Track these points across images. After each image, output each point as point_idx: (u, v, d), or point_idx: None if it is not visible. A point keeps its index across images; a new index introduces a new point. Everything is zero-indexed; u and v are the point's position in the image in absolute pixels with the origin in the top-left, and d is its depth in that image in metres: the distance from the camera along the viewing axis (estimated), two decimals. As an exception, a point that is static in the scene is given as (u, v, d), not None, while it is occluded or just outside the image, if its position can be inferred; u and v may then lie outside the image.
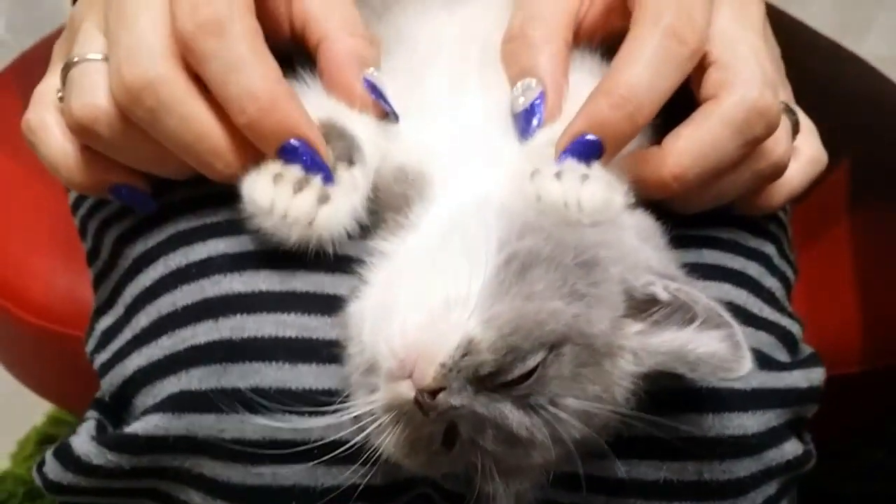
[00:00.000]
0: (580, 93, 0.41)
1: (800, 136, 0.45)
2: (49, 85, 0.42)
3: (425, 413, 0.35)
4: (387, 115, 0.42)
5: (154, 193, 0.43)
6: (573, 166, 0.38)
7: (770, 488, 0.43)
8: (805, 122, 0.47)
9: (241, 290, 0.40)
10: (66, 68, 0.40)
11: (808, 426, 0.48)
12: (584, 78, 0.43)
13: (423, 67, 0.45)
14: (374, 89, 0.41)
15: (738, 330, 0.37)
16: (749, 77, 0.40)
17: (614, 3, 0.44)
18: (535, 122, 0.41)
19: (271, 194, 0.37)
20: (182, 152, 0.39)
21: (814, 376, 0.45)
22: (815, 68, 0.89)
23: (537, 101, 0.42)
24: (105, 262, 0.46)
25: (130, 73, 0.38)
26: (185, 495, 0.41)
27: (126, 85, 0.38)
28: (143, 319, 0.42)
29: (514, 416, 0.35)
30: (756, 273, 0.45)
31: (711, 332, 0.37)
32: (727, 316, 0.37)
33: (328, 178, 0.38)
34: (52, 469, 0.42)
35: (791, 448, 0.43)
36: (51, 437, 1.12)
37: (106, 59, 0.40)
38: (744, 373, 0.36)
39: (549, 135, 0.41)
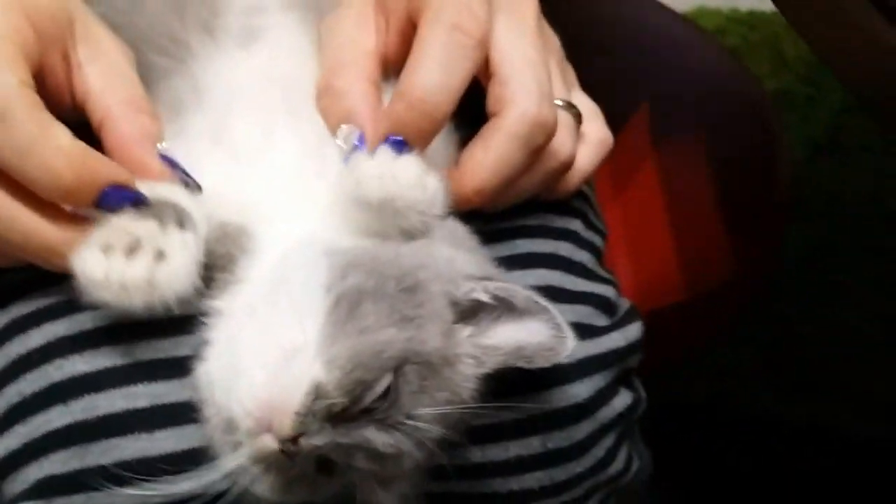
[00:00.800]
0: None
1: (585, 123, 0.49)
2: None
3: (292, 459, 0.37)
4: (187, 185, 0.42)
5: None
6: (385, 150, 0.41)
7: (608, 440, 0.48)
8: (589, 106, 0.50)
9: (86, 370, 0.41)
10: None
11: (636, 371, 0.54)
12: None
13: (226, 118, 0.46)
14: (170, 162, 0.42)
15: (556, 312, 0.40)
16: (527, 92, 0.43)
17: (405, 26, 0.45)
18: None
19: (104, 266, 0.37)
20: (18, 253, 0.39)
21: (631, 333, 0.50)
22: (617, 13, 0.94)
23: (359, 144, 0.43)
24: None
25: None
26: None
27: None
28: (2, 409, 0.42)
29: (376, 437, 0.38)
30: (566, 251, 0.49)
31: (533, 320, 0.41)
32: (543, 302, 0.41)
33: (141, 197, 0.39)
34: None
35: (620, 401, 0.48)
36: None
37: None
38: (569, 352, 0.40)
39: None
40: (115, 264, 0.37)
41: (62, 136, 0.38)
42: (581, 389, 0.46)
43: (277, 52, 0.49)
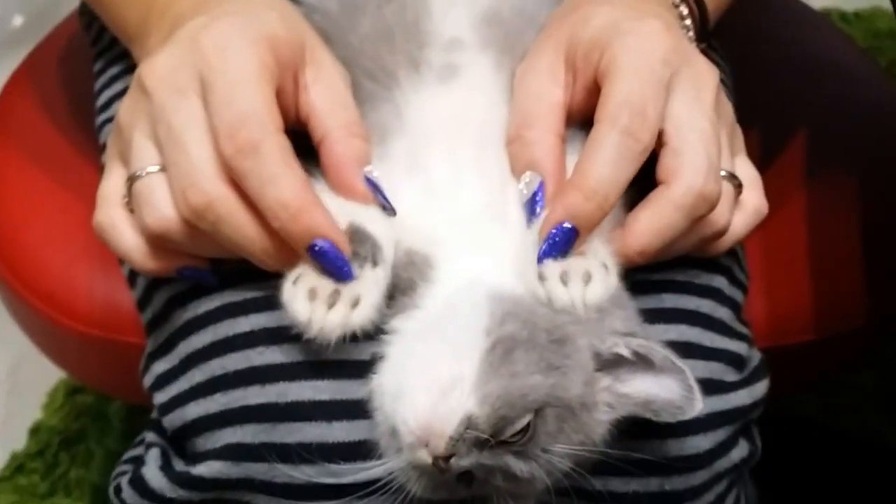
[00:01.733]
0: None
1: (745, 191, 0.53)
2: (112, 186, 0.49)
3: (441, 471, 0.44)
4: (384, 208, 0.49)
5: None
6: (576, 265, 0.46)
7: (720, 486, 0.53)
8: (750, 175, 0.54)
9: (282, 361, 0.48)
10: (131, 180, 0.47)
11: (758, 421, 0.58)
12: (571, 161, 0.50)
13: (423, 149, 0.52)
14: (374, 186, 0.49)
15: (690, 374, 0.45)
16: (696, 166, 0.47)
17: (591, 84, 0.50)
18: (538, 209, 0.49)
19: (308, 311, 0.45)
20: (237, 250, 0.47)
21: (757, 391, 0.54)
22: (795, 35, 0.95)
23: (539, 191, 0.49)
24: (156, 315, 0.54)
25: (193, 197, 0.45)
26: (244, 520, 0.51)
27: (191, 206, 0.45)
28: (197, 375, 0.50)
29: (514, 463, 0.44)
30: (708, 308, 0.54)
31: (668, 378, 0.46)
32: (680, 363, 0.45)
33: (348, 272, 0.46)
34: (130, 496, 0.52)
35: (738, 453, 0.53)
36: (78, 388, 1.20)
37: (163, 169, 0.47)
38: (696, 414, 0.45)
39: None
40: (318, 312, 0.45)
41: (300, 181, 0.45)
42: (703, 442, 0.51)
43: (473, 91, 0.55)
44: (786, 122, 0.87)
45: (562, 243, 0.46)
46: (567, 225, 0.46)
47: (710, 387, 0.52)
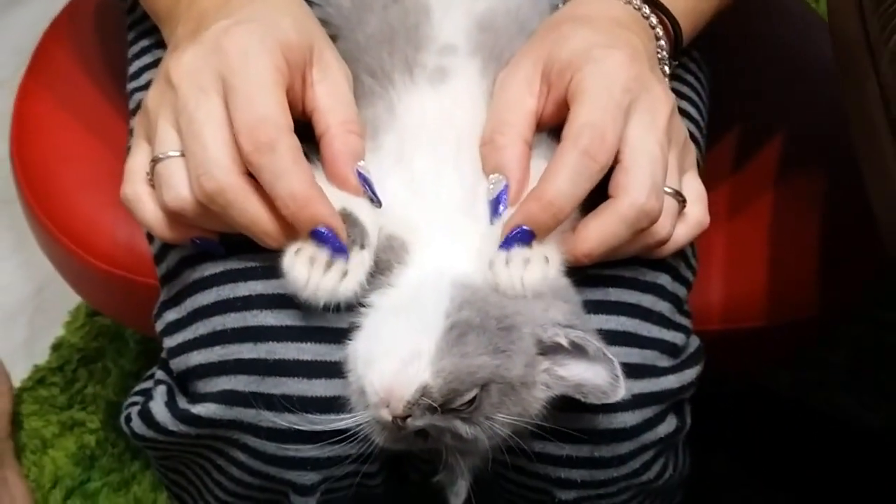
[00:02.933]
0: (537, 177, 0.56)
1: (689, 205, 0.60)
2: (137, 163, 0.57)
3: (399, 428, 0.52)
4: (372, 200, 0.56)
5: None
6: (518, 252, 0.53)
7: (646, 455, 0.61)
8: (696, 191, 0.61)
9: (273, 323, 0.56)
10: (154, 161, 0.55)
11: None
12: (540, 164, 0.57)
13: (410, 145, 0.59)
14: (364, 180, 0.56)
15: (617, 365, 0.53)
16: (640, 185, 0.54)
17: (561, 100, 0.57)
18: (501, 208, 0.56)
19: (307, 274, 0.53)
20: (242, 230, 0.54)
21: (686, 376, 0.62)
22: (783, 35, 1.00)
23: (503, 192, 0.56)
24: (169, 270, 0.62)
25: (207, 183, 0.52)
26: (233, 453, 0.59)
27: (204, 190, 0.52)
28: (201, 328, 0.59)
29: (461, 427, 0.53)
30: (649, 303, 0.61)
31: (598, 366, 0.53)
32: (609, 354, 0.53)
33: (344, 251, 0.53)
34: (138, 426, 0.60)
35: (664, 428, 0.61)
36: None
37: (182, 154, 0.54)
38: (618, 399, 0.53)
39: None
40: (315, 275, 0.53)
41: (308, 176, 0.52)
42: (630, 418, 0.59)
43: (458, 94, 0.62)
44: (761, 119, 0.93)
45: (517, 240, 0.54)
46: (525, 227, 0.53)
47: (643, 371, 0.59)
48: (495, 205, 0.56)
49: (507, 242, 0.54)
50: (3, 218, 1.40)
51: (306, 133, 0.57)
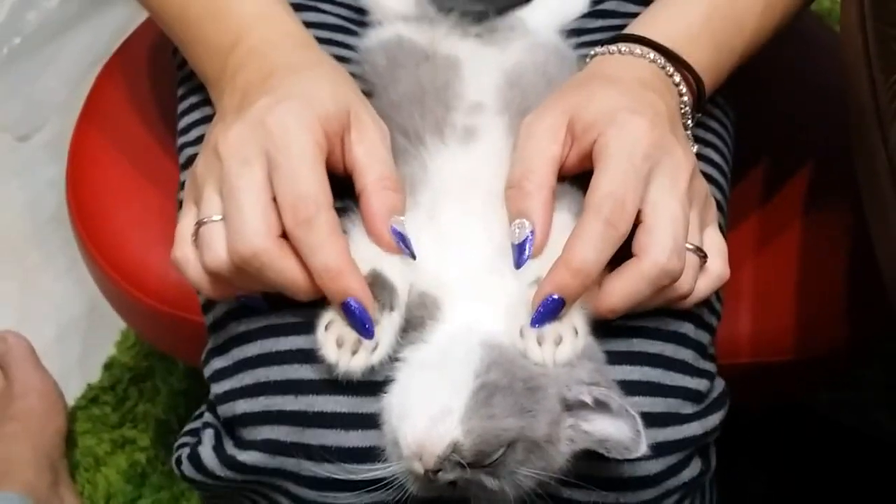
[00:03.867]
0: (559, 227, 0.59)
1: (710, 259, 0.62)
2: (185, 226, 0.60)
3: (431, 481, 0.55)
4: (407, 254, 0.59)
5: None
6: (550, 331, 0.56)
7: (671, 500, 0.63)
8: (717, 245, 0.63)
9: (312, 377, 0.60)
10: (199, 224, 0.59)
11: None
12: (561, 215, 0.60)
13: (441, 202, 0.62)
14: (400, 237, 0.59)
15: (640, 422, 0.55)
16: (663, 246, 0.57)
17: (584, 155, 0.60)
18: (526, 254, 0.59)
19: (336, 356, 0.57)
20: (278, 289, 0.58)
21: (710, 422, 0.64)
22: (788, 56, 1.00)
23: (529, 238, 0.59)
24: (216, 320, 0.66)
25: (242, 247, 0.56)
26: (276, 497, 0.63)
27: (240, 254, 0.56)
28: (246, 378, 0.62)
29: (488, 481, 0.55)
30: (671, 352, 0.64)
31: (621, 421, 0.56)
32: (632, 411, 0.55)
33: (370, 332, 0.57)
34: (188, 469, 0.64)
35: (688, 473, 0.64)
36: None
37: (223, 218, 0.58)
38: (639, 455, 0.55)
39: (536, 272, 0.58)
40: (343, 357, 0.57)
41: (342, 250, 0.56)
42: (654, 465, 0.61)
43: (487, 153, 0.64)
44: (790, 153, 0.94)
45: (550, 312, 0.57)
46: (555, 296, 0.56)
47: (667, 419, 0.62)
48: (520, 249, 0.59)
49: (540, 314, 0.57)
50: (57, 238, 1.45)
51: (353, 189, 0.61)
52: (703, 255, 0.61)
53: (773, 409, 1.22)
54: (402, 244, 0.60)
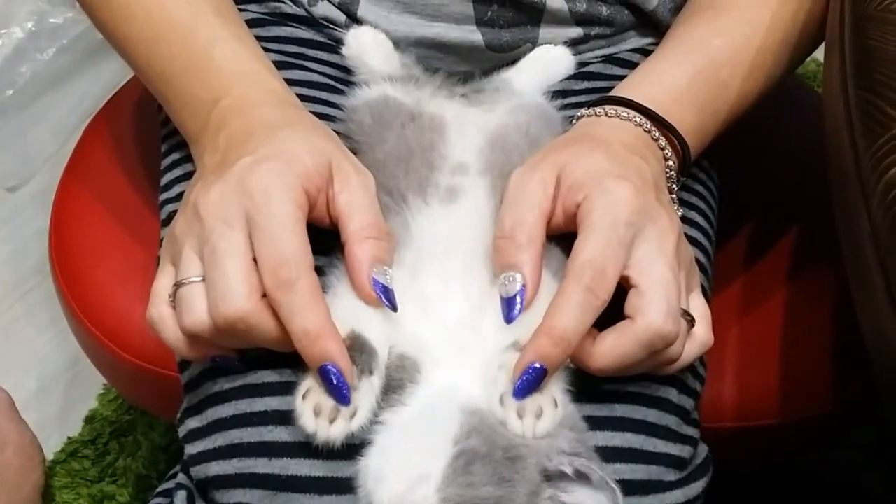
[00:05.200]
0: (544, 285, 0.59)
1: (696, 326, 0.62)
2: (162, 285, 0.60)
3: None
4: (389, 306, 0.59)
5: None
6: (531, 403, 0.56)
7: None
8: (701, 310, 0.63)
9: (287, 440, 0.59)
10: (177, 285, 0.58)
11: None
12: (546, 274, 0.60)
13: (421, 262, 0.62)
14: (381, 288, 0.59)
15: (620, 496, 0.54)
16: (657, 307, 0.57)
17: (569, 212, 0.60)
18: (517, 309, 0.58)
19: (314, 425, 0.56)
20: (258, 346, 0.58)
21: (692, 490, 0.63)
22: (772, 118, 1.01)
23: (520, 292, 0.58)
24: (192, 380, 0.65)
25: (226, 310, 0.55)
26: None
27: (224, 317, 0.56)
28: (219, 440, 0.61)
29: None
30: (654, 417, 0.63)
31: (601, 494, 0.55)
32: (612, 483, 0.54)
33: (347, 399, 0.56)
34: None
35: None
36: None
37: (203, 280, 0.57)
38: None
39: (515, 334, 0.58)
40: (321, 427, 0.56)
41: (322, 314, 0.56)
42: None
43: (467, 213, 0.64)
44: (775, 215, 0.94)
45: (533, 381, 0.56)
46: (536, 365, 0.56)
47: (648, 487, 0.61)
48: (511, 304, 0.59)
49: (522, 383, 0.56)
50: (40, 293, 1.45)
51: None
52: (690, 319, 0.61)
53: (761, 469, 1.21)
54: (384, 297, 0.59)
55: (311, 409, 0.56)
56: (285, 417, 0.59)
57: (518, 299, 0.59)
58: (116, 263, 0.89)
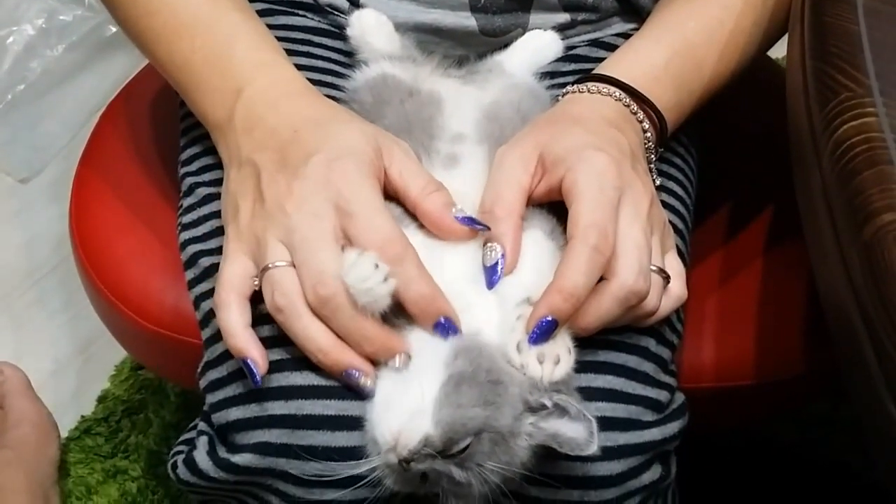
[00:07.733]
0: (530, 243, 0.65)
1: (671, 282, 0.68)
2: (233, 272, 0.65)
3: (405, 470, 0.60)
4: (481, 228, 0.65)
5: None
6: (551, 349, 0.62)
7: (632, 501, 0.68)
8: (677, 268, 0.69)
9: (301, 384, 0.65)
10: (265, 269, 0.63)
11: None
12: (534, 232, 0.66)
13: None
14: (467, 220, 0.65)
15: (595, 425, 0.60)
16: (630, 269, 0.62)
17: (553, 184, 0.66)
18: (497, 275, 0.65)
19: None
20: (343, 335, 0.63)
21: (669, 430, 0.69)
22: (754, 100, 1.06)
23: (500, 260, 0.65)
24: (213, 335, 0.71)
25: (323, 289, 0.61)
26: (266, 497, 0.67)
27: (319, 295, 0.61)
28: (239, 387, 0.67)
29: (456, 472, 0.60)
30: (634, 363, 0.69)
31: (578, 424, 0.61)
32: (588, 415, 0.60)
33: (455, 329, 0.63)
34: (183, 472, 0.69)
35: (649, 476, 0.68)
36: (142, 365, 1.37)
37: (291, 265, 0.63)
38: (590, 453, 0.60)
39: (513, 288, 0.64)
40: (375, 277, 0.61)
41: (431, 281, 0.63)
42: (615, 466, 0.66)
43: (468, 178, 0.70)
44: (754, 189, 1.00)
45: (545, 332, 0.62)
46: (549, 318, 0.62)
47: (628, 424, 0.67)
48: (492, 271, 0.65)
49: (536, 335, 0.62)
50: (53, 279, 1.50)
51: None
52: (665, 276, 0.67)
53: (746, 446, 1.26)
54: (474, 224, 0.65)
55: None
56: (299, 363, 0.65)
57: (499, 267, 0.65)
58: (134, 242, 0.94)
